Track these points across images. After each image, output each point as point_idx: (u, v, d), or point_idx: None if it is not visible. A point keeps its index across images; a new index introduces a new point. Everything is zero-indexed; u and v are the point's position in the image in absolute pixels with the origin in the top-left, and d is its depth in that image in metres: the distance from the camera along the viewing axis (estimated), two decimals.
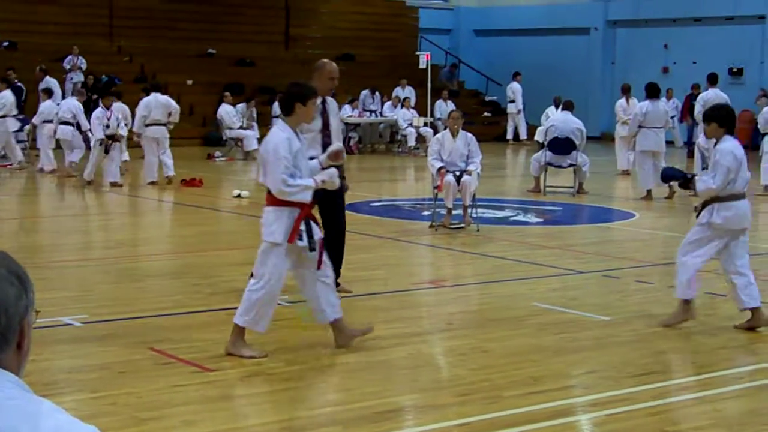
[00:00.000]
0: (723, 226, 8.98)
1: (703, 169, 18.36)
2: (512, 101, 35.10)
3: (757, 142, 22.36)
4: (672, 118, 24.94)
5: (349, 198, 18.59)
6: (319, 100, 9.58)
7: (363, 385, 7.33)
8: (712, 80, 21.04)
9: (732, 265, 9.17)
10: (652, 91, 20.10)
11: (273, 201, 8.03)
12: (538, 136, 23.02)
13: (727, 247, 9.14)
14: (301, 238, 7.97)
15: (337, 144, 8.95)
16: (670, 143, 25.94)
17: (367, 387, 7.29)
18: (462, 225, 15.12)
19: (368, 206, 18.02)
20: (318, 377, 7.47)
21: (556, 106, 24.80)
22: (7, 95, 23.68)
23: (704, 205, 9.11)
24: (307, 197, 7.93)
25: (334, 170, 8.19)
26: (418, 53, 33.37)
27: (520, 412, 6.74)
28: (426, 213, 16.55)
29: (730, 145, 8.96)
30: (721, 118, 9.05)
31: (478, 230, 14.85)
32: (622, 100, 24.76)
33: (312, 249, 8.04)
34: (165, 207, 18.80)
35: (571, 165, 20.04)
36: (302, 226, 7.97)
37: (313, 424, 6.45)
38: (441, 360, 8.10)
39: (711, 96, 20.40)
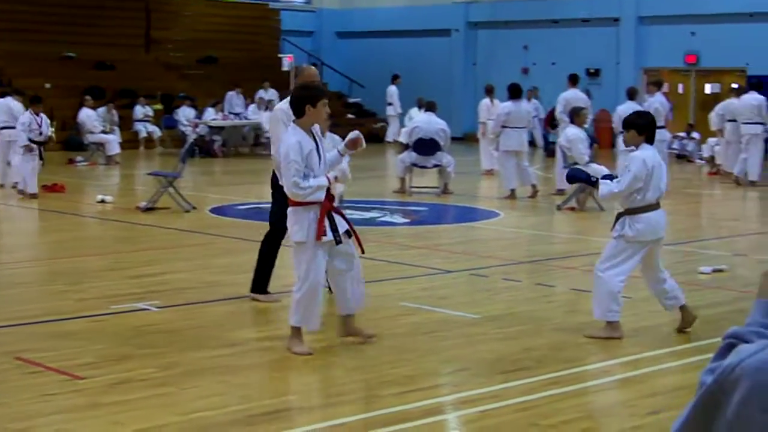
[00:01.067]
0: (635, 239, 8.77)
1: (564, 167, 18.71)
2: (390, 104, 35.13)
3: (615, 141, 22.92)
4: (534, 118, 25.32)
5: (215, 201, 18.59)
6: None
7: (236, 388, 7.29)
8: (573, 80, 21.44)
9: (651, 273, 9.10)
10: (515, 92, 20.40)
11: (293, 202, 8.21)
12: (402, 138, 23.19)
13: (646, 257, 8.97)
14: (325, 234, 8.13)
15: (355, 131, 8.98)
16: (531, 143, 26.35)
17: (241, 390, 7.26)
18: None
19: (235, 210, 17.94)
20: (190, 381, 7.40)
21: (419, 108, 25.02)
22: None
23: (617, 217, 8.95)
24: (321, 196, 8.10)
25: (345, 166, 8.41)
26: (281, 55, 33.33)
27: (395, 411, 6.78)
28: None
29: (644, 153, 8.76)
30: (640, 126, 8.84)
31: None
32: (486, 101, 25.06)
33: (338, 242, 8.24)
34: (27, 213, 18.41)
35: (435, 165, 20.24)
36: (325, 222, 8.12)
37: (188, 429, 6.39)
38: (316, 362, 8.09)
39: (571, 96, 20.82)
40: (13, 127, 20.35)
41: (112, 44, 35.61)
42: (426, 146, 20.07)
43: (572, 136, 18.13)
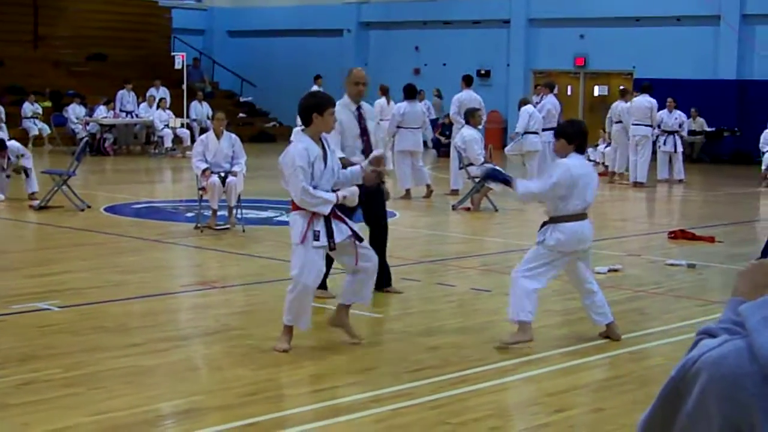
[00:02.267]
0: (555, 248, 8.70)
1: (460, 168, 18.92)
2: None
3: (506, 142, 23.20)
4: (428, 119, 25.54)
5: (109, 200, 18.41)
6: (354, 107, 10.30)
7: (144, 389, 7.27)
8: (467, 81, 21.63)
9: (579, 285, 9.06)
10: (410, 93, 20.55)
11: (295, 206, 8.34)
12: (295, 137, 23.10)
13: (571, 267, 8.95)
14: (317, 239, 8.22)
15: (379, 150, 9.23)
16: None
17: (149, 391, 7.24)
18: (227, 226, 15.11)
19: (129, 208, 17.79)
20: (98, 383, 7.35)
21: None
22: None
23: (542, 225, 8.90)
24: (325, 210, 8.19)
25: (356, 189, 8.41)
26: (173, 54, 33.08)
27: (306, 410, 6.84)
28: (189, 214, 16.46)
29: (570, 161, 8.69)
30: (569, 135, 8.78)
31: (243, 231, 14.89)
32: (382, 100, 25.15)
33: (332, 248, 8.35)
34: None
35: None
36: (320, 227, 8.21)
37: (97, 430, 6.36)
38: (221, 361, 8.10)
39: (465, 97, 21.01)
40: None
41: None
42: None
43: (468, 137, 18.34)
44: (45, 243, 14.33)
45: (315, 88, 33.75)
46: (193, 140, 29.18)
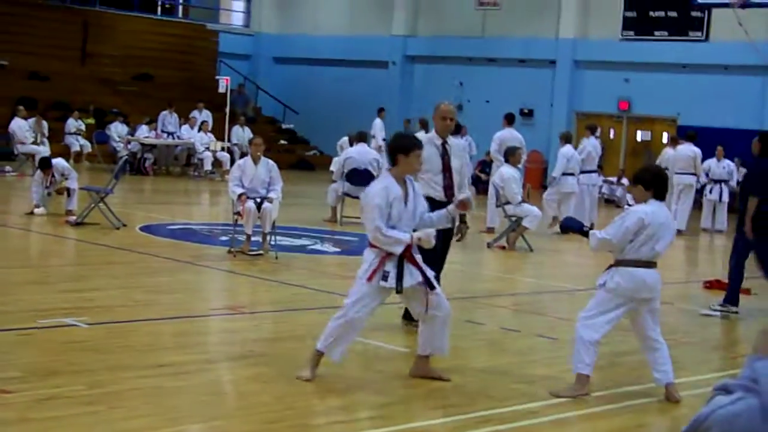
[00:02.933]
0: (615, 291, 8.50)
1: (497, 206, 18.84)
2: (373, 136, 33.88)
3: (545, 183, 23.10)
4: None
5: (145, 219, 18.45)
6: (439, 142, 10.35)
7: (166, 411, 7.24)
8: (509, 119, 21.58)
9: (642, 338, 8.85)
10: (455, 128, 20.53)
11: (370, 243, 8.31)
12: (334, 167, 23.16)
13: (635, 317, 8.74)
14: (385, 279, 8.21)
15: (466, 193, 9.30)
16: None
17: (170, 413, 7.20)
18: (261, 252, 15.09)
19: (165, 229, 17.82)
20: (119, 402, 7.32)
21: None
22: None
23: (607, 268, 8.68)
24: (397, 250, 8.17)
25: (432, 231, 8.32)
26: (217, 77, 33.24)
27: None
28: (224, 238, 16.46)
29: (645, 208, 8.50)
30: (647, 182, 8.59)
31: (276, 258, 14.86)
32: (422, 133, 25.18)
33: (398, 291, 8.33)
34: None
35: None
36: (391, 268, 8.20)
37: None
38: (244, 387, 8.06)
39: (506, 135, 20.95)
40: None
41: (47, 55, 35.31)
42: (359, 176, 20.09)
43: (506, 175, 18.29)
44: (78, 259, 14.37)
45: (378, 120, 33.45)
46: (232, 164, 29.30)
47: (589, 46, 34.93)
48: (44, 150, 27.21)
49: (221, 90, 31.28)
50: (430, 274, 8.48)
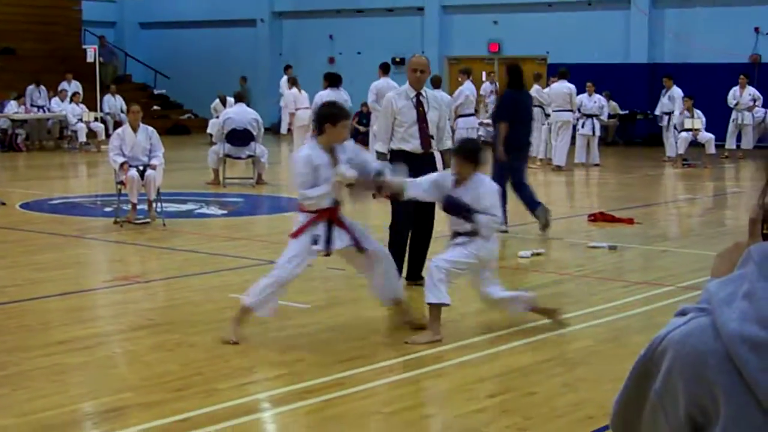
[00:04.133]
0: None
1: None
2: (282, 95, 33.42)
3: None
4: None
5: (24, 196, 18.11)
6: (413, 94, 10.36)
7: (71, 387, 7.15)
8: (385, 69, 21.62)
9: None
10: (333, 80, 20.60)
11: (300, 206, 8.57)
12: (212, 129, 23.00)
13: None
14: (316, 243, 8.40)
15: (401, 181, 8.75)
16: None
17: (76, 389, 7.12)
18: (147, 220, 14.92)
19: (46, 205, 17.53)
20: (23, 383, 7.21)
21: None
22: None
23: None
24: (324, 203, 8.32)
25: (343, 166, 8.34)
26: (84, 47, 32.65)
27: (238, 403, 6.76)
28: (108, 209, 16.24)
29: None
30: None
31: (164, 225, 14.72)
32: (294, 90, 25.13)
33: (327, 254, 8.62)
34: None
35: (249, 156, 20.16)
36: (321, 231, 8.39)
37: (28, 431, 6.24)
38: (149, 357, 8.00)
39: (383, 84, 20.99)
40: None
41: None
42: (239, 137, 19.98)
43: None
44: None
45: (284, 78, 32.73)
46: (107, 134, 28.87)
47: None
48: None
49: (89, 59, 30.75)
50: (361, 234, 8.59)
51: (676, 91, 26.26)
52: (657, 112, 27.25)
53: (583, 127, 25.14)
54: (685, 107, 25.25)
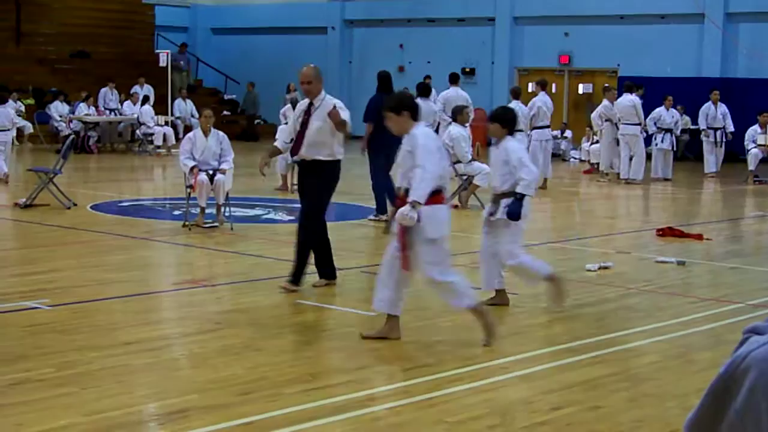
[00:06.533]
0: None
1: (453, 163, 18.87)
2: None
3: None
4: None
5: (94, 198, 18.30)
6: (305, 104, 10.72)
7: (140, 388, 7.21)
8: (454, 79, 21.60)
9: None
10: (424, 90, 20.60)
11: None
12: (281, 135, 22.97)
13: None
14: None
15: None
16: None
17: (144, 390, 7.18)
18: (216, 224, 15.04)
19: (115, 206, 17.70)
20: (90, 382, 7.28)
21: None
22: None
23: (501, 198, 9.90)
24: None
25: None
26: (157, 51, 32.97)
27: (301, 409, 6.77)
28: (176, 212, 16.37)
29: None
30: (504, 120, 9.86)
31: (232, 229, 14.82)
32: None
33: None
34: None
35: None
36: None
37: (93, 430, 6.29)
38: (214, 360, 8.03)
39: (452, 94, 21.00)
40: None
41: None
42: None
43: (455, 134, 18.30)
44: (31, 241, 14.23)
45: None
46: (177, 138, 29.13)
47: (528, 1, 34.96)
48: None
49: (162, 64, 31.03)
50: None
51: (723, 107, 26.04)
52: (701, 125, 26.75)
53: (662, 141, 24.95)
54: (760, 123, 25.02)
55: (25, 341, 8.41)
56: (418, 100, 20.36)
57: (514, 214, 9.84)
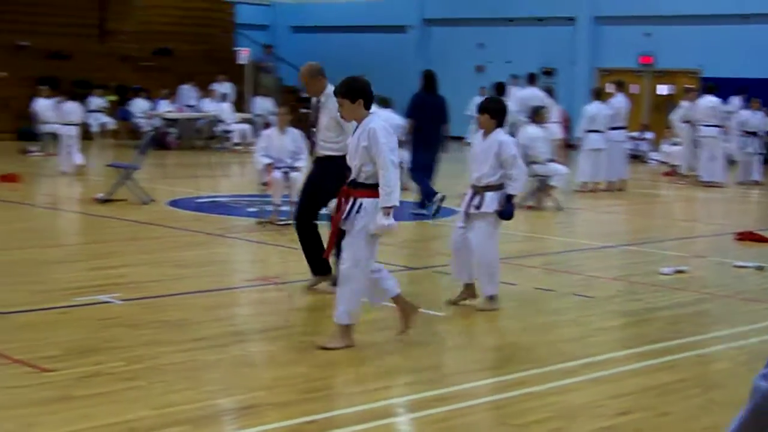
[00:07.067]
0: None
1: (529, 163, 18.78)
2: None
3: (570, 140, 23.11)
4: None
5: (172, 194, 18.47)
6: (315, 99, 10.52)
7: (205, 384, 7.24)
8: (531, 79, 21.47)
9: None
10: (499, 90, 20.57)
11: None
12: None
13: None
14: None
15: None
16: None
17: (211, 385, 7.21)
18: (289, 221, 15.06)
19: (192, 202, 17.84)
20: (158, 376, 7.33)
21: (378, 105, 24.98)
22: None
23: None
24: None
25: None
26: (236, 49, 33.20)
27: (364, 409, 6.76)
28: (251, 209, 16.45)
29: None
30: (494, 111, 9.76)
31: None
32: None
33: None
34: None
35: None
36: None
37: (161, 424, 6.33)
38: (282, 357, 8.05)
39: (527, 95, 20.85)
40: None
41: (66, 33, 35.34)
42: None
43: (533, 135, 18.20)
44: (108, 236, 14.38)
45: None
46: (255, 135, 29.31)
47: (609, 0, 34.66)
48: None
49: (241, 61, 31.23)
50: None
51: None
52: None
53: (748, 145, 24.60)
54: None
55: (96, 335, 8.49)
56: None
57: (508, 214, 9.81)
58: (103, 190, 17.42)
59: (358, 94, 8.34)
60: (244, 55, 31.32)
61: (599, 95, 22.07)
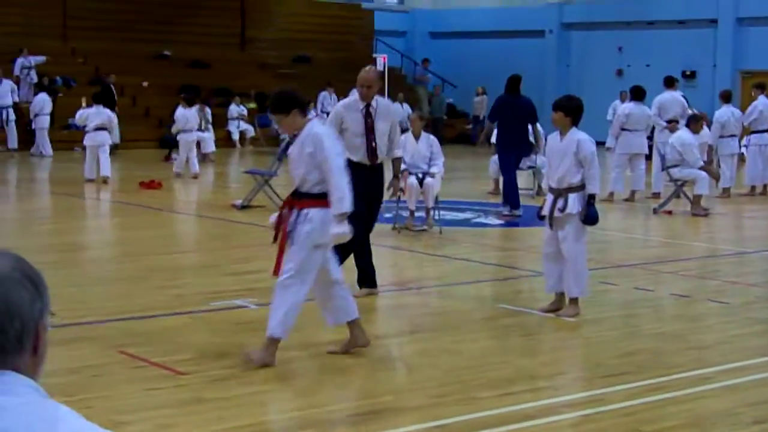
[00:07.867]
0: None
1: (662, 170, 18.52)
2: None
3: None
4: None
5: None
6: (361, 106, 10.16)
7: (336, 387, 7.32)
8: (669, 83, 21.08)
9: None
10: (637, 94, 20.32)
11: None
12: (495, 139, 23.00)
13: None
14: None
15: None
16: None
17: (340, 389, 7.29)
18: (424, 227, 15.13)
19: None
20: (290, 381, 7.44)
21: None
22: None
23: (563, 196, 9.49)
24: None
25: None
26: (374, 55, 33.42)
27: (495, 413, 6.75)
28: (387, 215, 16.52)
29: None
30: (568, 109, 9.57)
31: (440, 232, 14.88)
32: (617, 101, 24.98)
33: None
34: (124, 209, 18.63)
35: (530, 167, 20.11)
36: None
37: (289, 427, 6.43)
38: (412, 361, 8.09)
39: (667, 98, 20.52)
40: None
41: (207, 43, 35.97)
42: None
43: (687, 141, 17.91)
44: (245, 241, 14.60)
45: None
46: None
47: (753, 1, 33.95)
48: (209, 136, 27.76)
49: (379, 68, 31.42)
50: None
51: None
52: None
53: None
54: None
55: (230, 339, 8.64)
56: (631, 104, 20.21)
57: (592, 218, 9.54)
58: (241, 197, 17.69)
59: (289, 104, 7.93)
60: (382, 61, 31.50)
61: (728, 98, 21.60)
